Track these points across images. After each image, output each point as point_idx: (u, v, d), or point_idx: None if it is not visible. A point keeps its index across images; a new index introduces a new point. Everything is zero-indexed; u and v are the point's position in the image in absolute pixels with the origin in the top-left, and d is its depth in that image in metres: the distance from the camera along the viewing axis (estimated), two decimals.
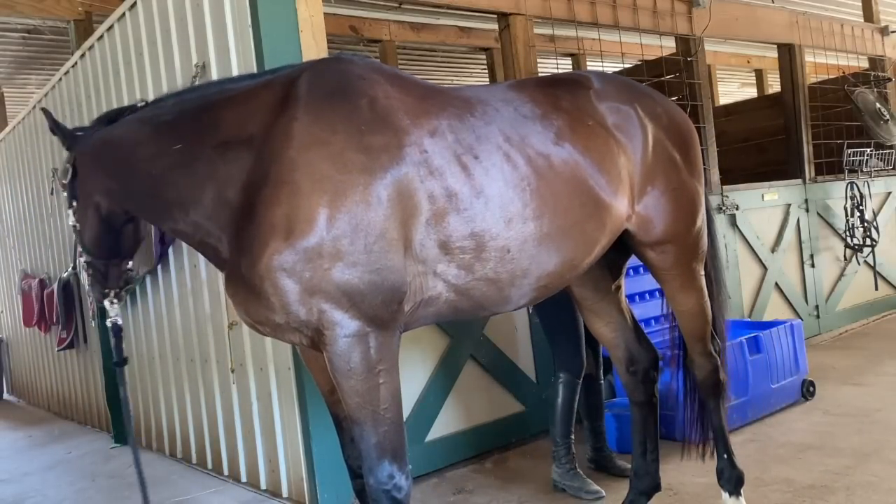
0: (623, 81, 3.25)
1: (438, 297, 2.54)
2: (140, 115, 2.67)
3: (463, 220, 2.49)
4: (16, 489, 5.43)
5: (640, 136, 2.99)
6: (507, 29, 5.40)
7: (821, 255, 7.37)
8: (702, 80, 6.47)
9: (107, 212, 2.71)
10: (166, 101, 2.71)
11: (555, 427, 4.05)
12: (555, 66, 6.47)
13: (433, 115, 2.56)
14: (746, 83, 13.86)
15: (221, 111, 2.54)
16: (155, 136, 2.58)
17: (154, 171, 2.56)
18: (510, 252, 2.57)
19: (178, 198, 2.54)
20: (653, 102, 3.16)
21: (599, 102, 2.97)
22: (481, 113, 2.66)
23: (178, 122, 2.58)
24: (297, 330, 2.42)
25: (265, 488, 4.53)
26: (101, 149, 2.68)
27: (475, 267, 2.53)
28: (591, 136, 2.84)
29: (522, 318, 5.09)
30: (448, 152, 2.51)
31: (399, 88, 2.58)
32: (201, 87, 2.78)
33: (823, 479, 3.74)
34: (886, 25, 8.59)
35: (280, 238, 2.31)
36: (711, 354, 3.34)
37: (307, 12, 4.07)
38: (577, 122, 2.84)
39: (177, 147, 2.53)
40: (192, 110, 2.58)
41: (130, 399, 3.06)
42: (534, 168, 2.64)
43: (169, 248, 5.22)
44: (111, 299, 2.87)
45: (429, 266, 2.48)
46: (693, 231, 3.19)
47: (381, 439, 2.38)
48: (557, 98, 2.88)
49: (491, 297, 2.65)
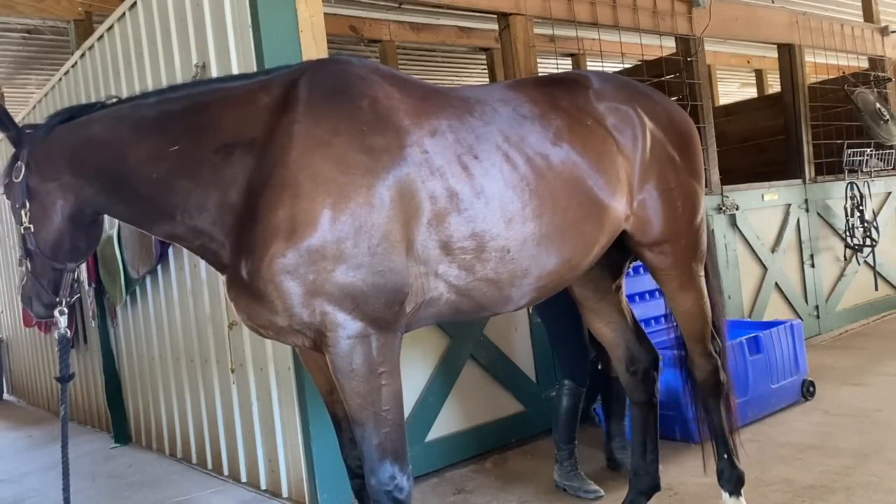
0: (622, 81, 3.24)
1: (439, 298, 2.55)
2: (117, 112, 2.54)
3: (464, 220, 2.49)
4: (16, 489, 5.43)
5: (639, 137, 2.99)
6: (507, 29, 5.40)
7: (821, 255, 7.37)
8: (702, 80, 6.47)
9: (72, 212, 2.53)
10: (147, 99, 2.58)
11: (558, 432, 4.06)
12: (555, 66, 6.46)
13: (433, 116, 2.55)
14: (746, 83, 13.86)
15: (219, 112, 2.50)
16: (145, 137, 2.48)
17: (154, 175, 2.47)
18: (510, 252, 2.58)
19: (181, 203, 2.47)
20: (652, 102, 3.15)
21: (598, 102, 2.96)
22: (480, 113, 2.66)
23: (170, 123, 2.49)
24: (300, 332, 2.42)
25: (265, 488, 4.53)
26: (72, 147, 2.51)
27: (476, 267, 2.53)
28: (590, 136, 2.84)
29: (522, 318, 5.09)
30: (448, 152, 2.51)
31: (399, 89, 2.58)
32: (186, 85, 2.66)
33: (823, 479, 3.74)
34: (886, 25, 8.59)
35: (283, 240, 2.31)
36: (711, 355, 3.33)
37: (307, 12, 4.07)
38: (576, 121, 2.84)
39: (174, 149, 2.46)
40: (184, 111, 2.51)
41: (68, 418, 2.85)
42: (532, 168, 2.64)
43: (169, 249, 5.21)
44: (62, 309, 2.61)
45: (430, 267, 2.48)
46: (692, 231, 3.18)
47: (382, 440, 2.39)
48: (556, 98, 2.88)
49: (491, 298, 2.65)
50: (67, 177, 2.51)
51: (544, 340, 5.15)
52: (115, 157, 2.49)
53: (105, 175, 2.51)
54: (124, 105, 2.58)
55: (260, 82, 2.56)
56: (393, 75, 2.67)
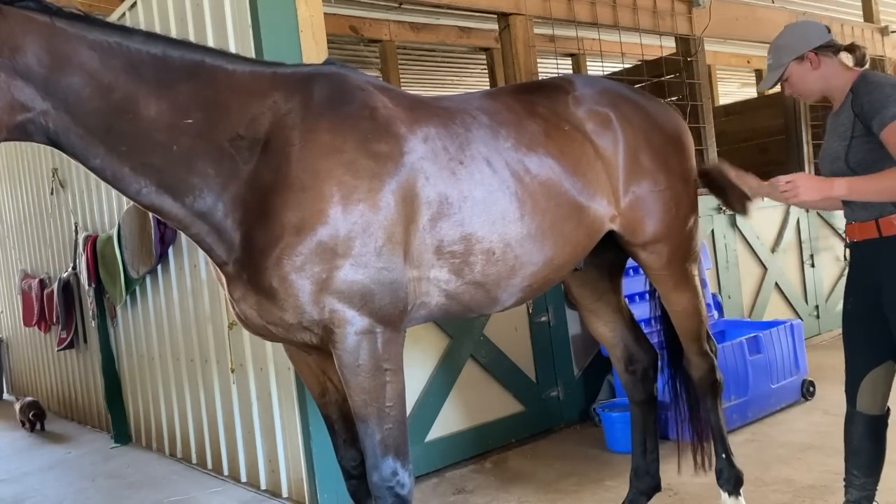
0: (605, 85, 3.25)
1: (430, 302, 2.62)
2: (103, 41, 2.24)
3: (453, 223, 2.58)
4: (16, 489, 5.44)
5: (620, 140, 3.03)
6: (507, 29, 5.41)
7: (821, 255, 7.37)
8: (702, 80, 6.47)
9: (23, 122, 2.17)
10: (134, 36, 2.31)
11: None
12: (555, 66, 6.48)
13: (423, 124, 2.64)
14: (746, 83, 13.84)
15: (228, 95, 2.41)
16: (151, 91, 2.28)
17: (175, 147, 2.31)
18: (495, 254, 2.66)
19: (199, 185, 2.37)
20: (635, 106, 3.17)
21: (577, 108, 3.02)
22: (461, 121, 2.74)
23: (177, 85, 2.32)
24: (308, 329, 2.45)
25: (265, 488, 4.53)
26: (40, 49, 2.13)
27: (464, 271, 2.61)
28: (567, 141, 2.91)
29: (522, 318, 5.09)
30: (438, 158, 2.60)
31: (391, 99, 2.66)
32: (185, 44, 2.45)
33: (823, 479, 3.74)
34: (886, 25, 8.59)
35: (298, 239, 2.35)
36: (707, 354, 3.35)
37: (307, 12, 4.07)
38: (553, 127, 2.91)
39: (189, 122, 2.33)
40: (189, 74, 2.35)
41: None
42: (511, 173, 2.73)
43: (169, 249, 5.22)
44: None
45: (423, 272, 2.56)
46: (684, 232, 3.21)
47: (385, 436, 2.43)
48: (534, 104, 2.96)
49: (479, 300, 2.73)
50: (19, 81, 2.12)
51: (544, 340, 5.16)
52: (119, 105, 2.24)
53: (95, 116, 2.22)
54: (110, 31, 2.28)
55: (267, 77, 2.53)
56: (383, 87, 2.77)
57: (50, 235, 7.45)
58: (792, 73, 2.84)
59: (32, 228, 7.99)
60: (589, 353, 5.38)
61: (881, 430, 2.88)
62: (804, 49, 2.82)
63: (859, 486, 2.90)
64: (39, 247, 7.85)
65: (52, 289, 7.13)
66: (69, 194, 6.76)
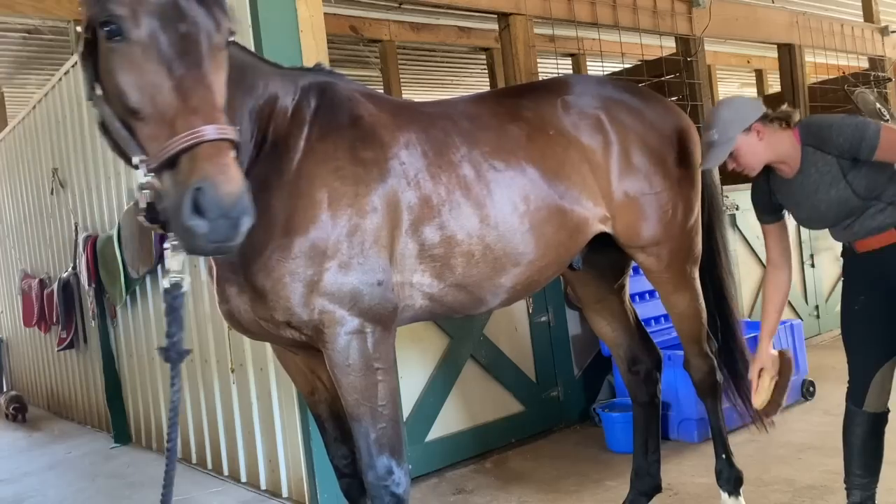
0: (601, 87, 3.21)
1: (414, 304, 2.65)
2: None
3: (434, 228, 2.61)
4: (16, 489, 5.43)
5: (612, 143, 3.01)
6: (507, 29, 5.41)
7: (821, 255, 7.37)
8: (702, 80, 6.47)
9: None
10: None
11: None
12: (555, 66, 6.48)
13: (405, 130, 2.67)
14: (746, 83, 13.85)
15: (232, 89, 2.26)
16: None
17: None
18: (475, 256, 2.68)
19: None
20: (630, 108, 3.14)
21: (565, 111, 3.00)
22: (441, 126, 2.76)
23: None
24: (297, 329, 2.46)
25: (265, 488, 4.53)
26: None
27: (445, 274, 2.64)
28: (550, 145, 2.90)
29: (522, 318, 5.09)
30: (419, 163, 2.63)
31: (376, 106, 2.69)
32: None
33: (823, 479, 3.74)
34: (886, 25, 8.59)
35: (291, 241, 2.38)
36: (707, 355, 3.35)
37: (307, 12, 4.07)
38: (537, 131, 2.91)
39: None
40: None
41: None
42: (492, 177, 2.74)
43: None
44: None
45: (405, 276, 2.58)
46: (684, 233, 3.20)
47: (379, 435, 2.44)
48: (519, 109, 2.96)
49: (463, 302, 2.76)
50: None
51: (544, 340, 5.15)
52: None
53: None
54: None
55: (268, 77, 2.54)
56: (369, 93, 2.79)
57: (50, 235, 7.45)
58: (741, 145, 2.83)
59: (32, 228, 7.98)
60: (589, 353, 5.38)
61: (883, 428, 2.90)
62: (750, 120, 2.83)
63: (862, 485, 2.91)
64: (39, 247, 7.84)
65: (52, 289, 7.12)
66: (69, 194, 6.76)
